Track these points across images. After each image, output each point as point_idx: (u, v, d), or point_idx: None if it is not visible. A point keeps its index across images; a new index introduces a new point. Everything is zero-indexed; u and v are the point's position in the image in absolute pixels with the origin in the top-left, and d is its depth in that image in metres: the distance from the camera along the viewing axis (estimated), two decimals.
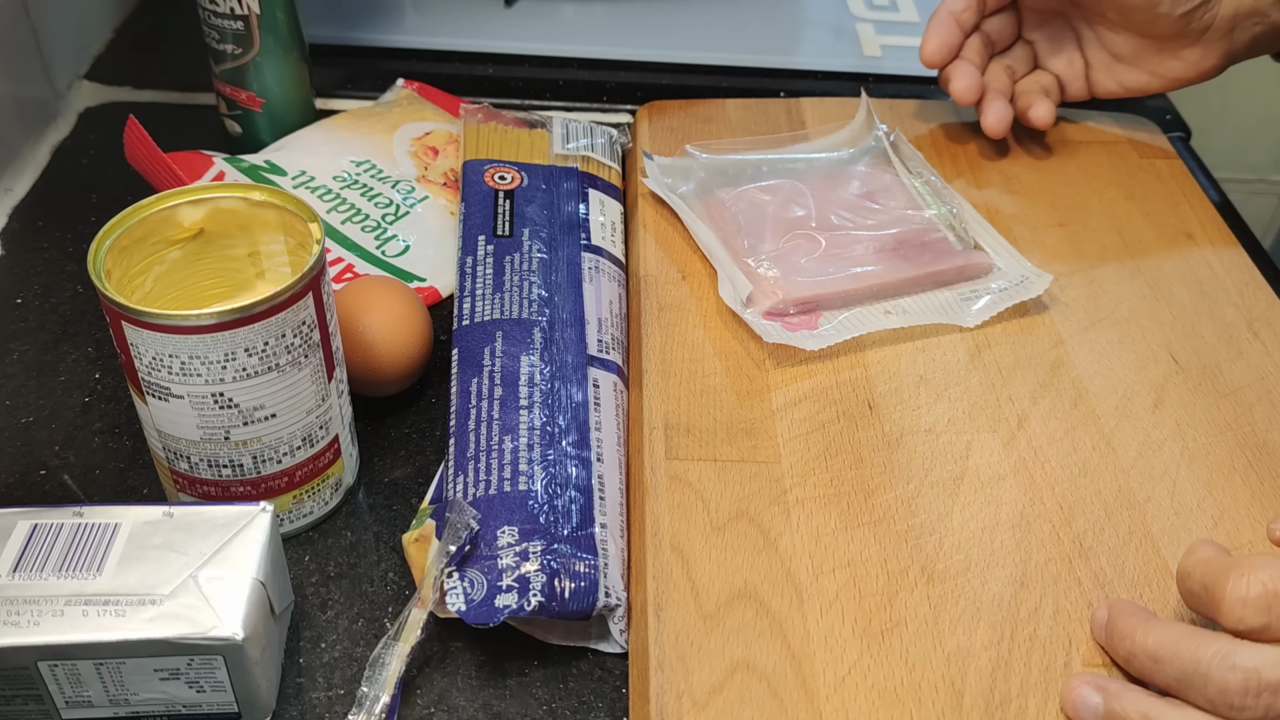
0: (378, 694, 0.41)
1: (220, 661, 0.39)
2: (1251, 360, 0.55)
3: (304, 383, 0.45)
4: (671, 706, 0.40)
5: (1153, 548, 0.46)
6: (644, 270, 0.58)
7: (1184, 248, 0.61)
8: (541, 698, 0.43)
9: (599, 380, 0.52)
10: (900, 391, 0.52)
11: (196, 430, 0.44)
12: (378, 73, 0.76)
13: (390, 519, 0.50)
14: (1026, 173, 0.66)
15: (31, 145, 0.70)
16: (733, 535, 0.45)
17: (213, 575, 0.40)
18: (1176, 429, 0.51)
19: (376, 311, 0.52)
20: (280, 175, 0.63)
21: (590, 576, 0.44)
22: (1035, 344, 0.55)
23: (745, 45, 0.80)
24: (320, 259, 0.44)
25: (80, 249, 0.63)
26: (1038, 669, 0.42)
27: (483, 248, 0.56)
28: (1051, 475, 0.49)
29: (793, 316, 0.55)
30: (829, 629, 0.42)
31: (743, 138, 0.67)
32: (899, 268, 0.57)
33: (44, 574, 0.40)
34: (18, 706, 0.40)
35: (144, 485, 0.51)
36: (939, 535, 0.46)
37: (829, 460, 0.49)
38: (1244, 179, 1.31)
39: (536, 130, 0.65)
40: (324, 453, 0.47)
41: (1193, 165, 0.70)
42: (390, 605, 0.46)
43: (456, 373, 0.51)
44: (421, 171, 0.65)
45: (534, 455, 0.47)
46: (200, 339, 0.41)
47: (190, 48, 0.74)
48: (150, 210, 0.46)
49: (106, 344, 0.57)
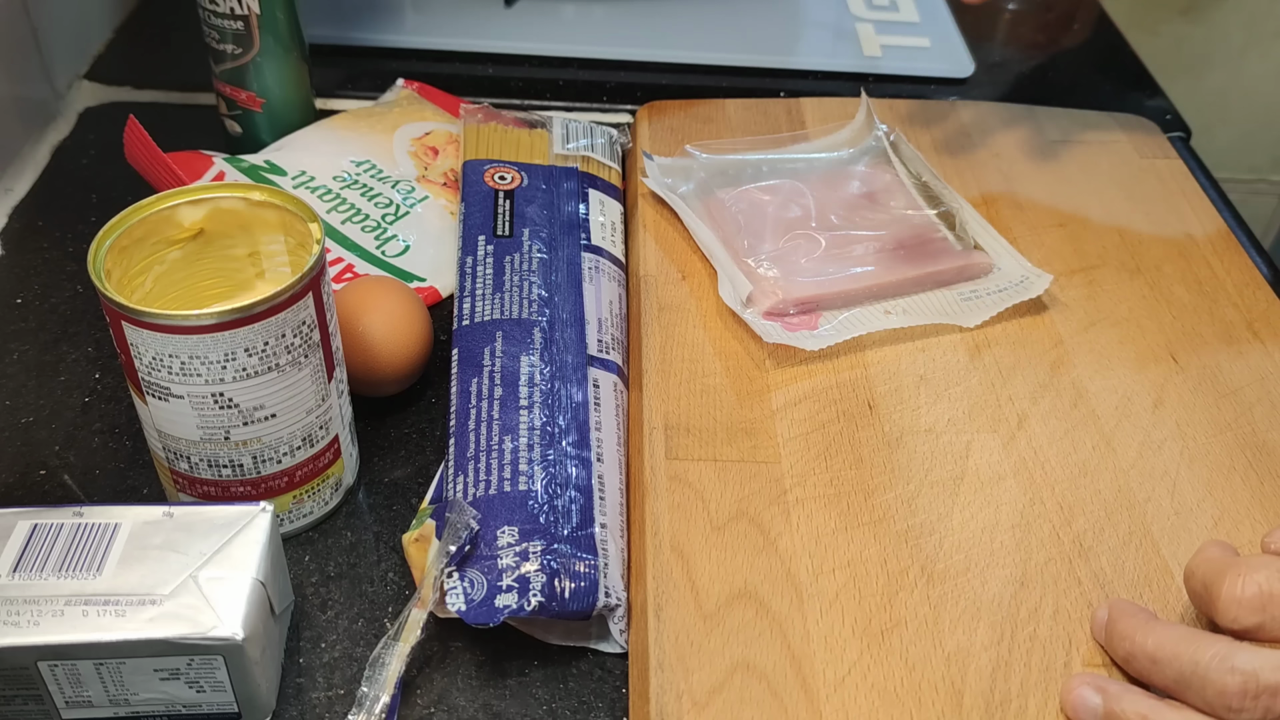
0: (378, 694, 0.41)
1: (220, 661, 0.39)
2: (1251, 360, 0.55)
3: (304, 383, 0.45)
4: (671, 706, 0.40)
5: (1153, 548, 0.46)
6: (644, 270, 0.58)
7: (1184, 248, 0.61)
8: (541, 698, 0.43)
9: (599, 380, 0.52)
10: (900, 391, 0.52)
11: (196, 430, 0.44)
12: (378, 73, 0.76)
13: (390, 519, 0.50)
14: (1026, 173, 0.66)
15: (31, 145, 0.70)
16: (733, 535, 0.45)
17: (213, 575, 0.40)
18: (1176, 429, 0.51)
19: (376, 311, 0.52)
20: (280, 175, 0.63)
21: (590, 576, 0.44)
22: (1035, 344, 0.55)
23: (745, 45, 0.80)
24: (320, 259, 0.44)
25: (80, 249, 0.63)
26: (1038, 669, 0.42)
27: (483, 248, 0.56)
28: (1051, 475, 0.49)
29: (793, 316, 0.55)
30: (829, 629, 0.42)
31: (743, 138, 0.67)
32: (899, 268, 0.57)
33: (44, 574, 0.40)
34: (18, 706, 0.40)
35: (144, 485, 0.51)
36: (939, 535, 0.46)
37: (829, 460, 0.49)
38: (1244, 179, 1.31)
39: (536, 130, 0.65)
40: (324, 453, 0.47)
41: (1193, 165, 0.70)
42: (390, 605, 0.46)
43: (456, 373, 0.51)
44: (421, 171, 0.65)
45: (534, 455, 0.47)
46: (200, 339, 0.41)
47: (190, 48, 0.74)
48: (150, 210, 0.46)
49: (106, 344, 0.57)
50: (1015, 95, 0.77)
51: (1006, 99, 0.76)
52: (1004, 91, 0.79)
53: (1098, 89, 0.80)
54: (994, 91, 0.79)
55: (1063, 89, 0.79)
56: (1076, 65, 0.84)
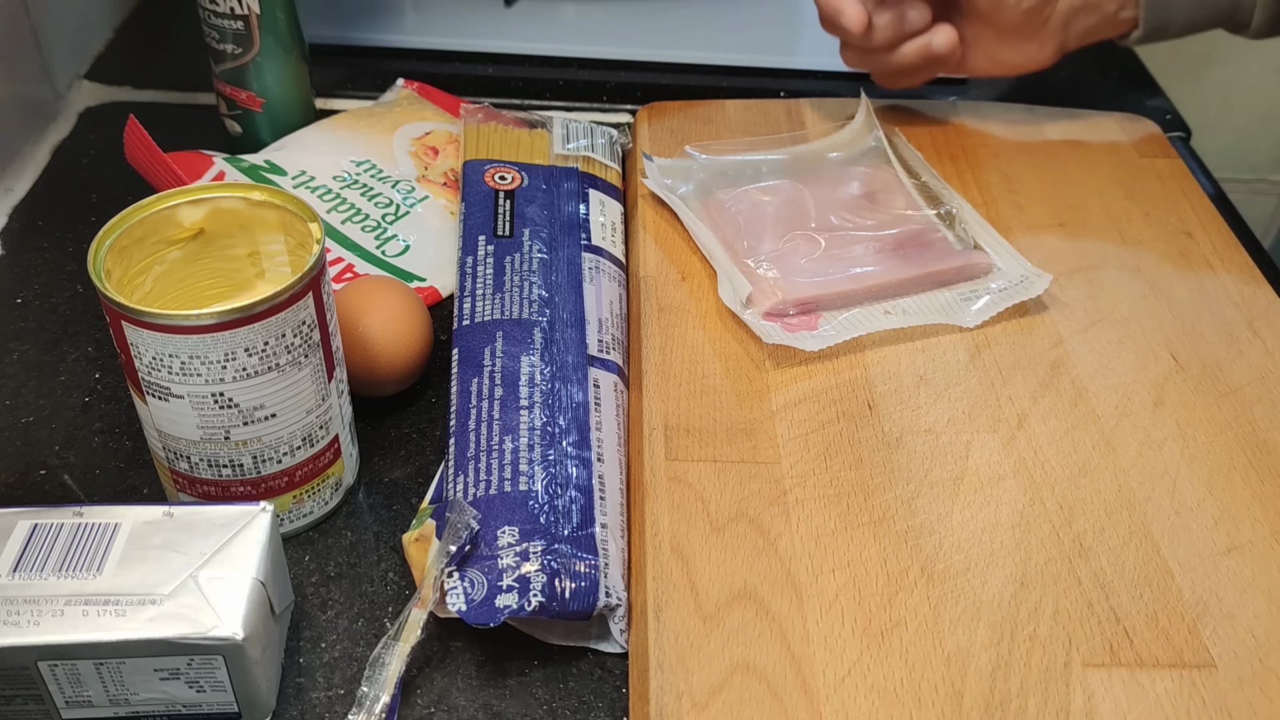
0: (378, 694, 0.41)
1: (220, 661, 0.39)
2: (1251, 360, 0.55)
3: (304, 383, 0.45)
4: (671, 707, 0.40)
5: (1153, 547, 0.46)
6: (644, 271, 0.58)
7: (1184, 247, 0.61)
8: (541, 698, 0.43)
9: (599, 380, 0.52)
10: (900, 392, 0.52)
11: (196, 430, 0.44)
12: (378, 73, 0.76)
13: (390, 519, 0.50)
14: (1026, 173, 0.66)
15: (31, 145, 0.70)
16: (732, 536, 0.45)
17: (213, 575, 0.40)
18: (1176, 428, 0.51)
19: (376, 311, 0.52)
20: (280, 175, 0.63)
21: (591, 576, 0.44)
22: (1035, 344, 0.55)
23: (745, 45, 0.80)
24: (320, 259, 0.44)
25: (80, 249, 0.63)
26: (1038, 669, 0.42)
27: (483, 248, 0.56)
28: (1051, 475, 0.49)
29: (792, 317, 0.55)
30: (829, 629, 0.42)
31: (742, 138, 0.67)
32: (899, 268, 0.57)
33: (44, 574, 0.40)
34: (18, 706, 0.40)
35: (144, 485, 0.51)
36: (939, 535, 0.46)
37: (829, 461, 0.49)
38: (1244, 179, 1.31)
39: (537, 130, 0.65)
40: (324, 453, 0.47)
41: (1193, 165, 0.70)
42: (390, 605, 0.46)
43: (457, 373, 0.51)
44: (421, 171, 0.65)
45: (534, 455, 0.47)
46: (200, 339, 0.41)
47: (190, 48, 0.74)
48: (150, 210, 0.46)
49: (106, 344, 0.57)
50: (1015, 95, 0.77)
51: (1006, 99, 0.76)
52: (1004, 91, 0.79)
53: (1098, 89, 0.80)
54: (994, 91, 0.79)
55: (1063, 89, 0.79)
56: (1076, 65, 0.84)
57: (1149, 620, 0.44)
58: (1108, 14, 0.63)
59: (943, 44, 0.64)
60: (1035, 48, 0.64)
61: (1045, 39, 0.64)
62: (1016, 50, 0.65)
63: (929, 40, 0.64)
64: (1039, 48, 0.64)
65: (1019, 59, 0.65)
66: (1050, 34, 0.64)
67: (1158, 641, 0.43)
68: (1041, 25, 0.63)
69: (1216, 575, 0.45)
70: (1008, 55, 0.66)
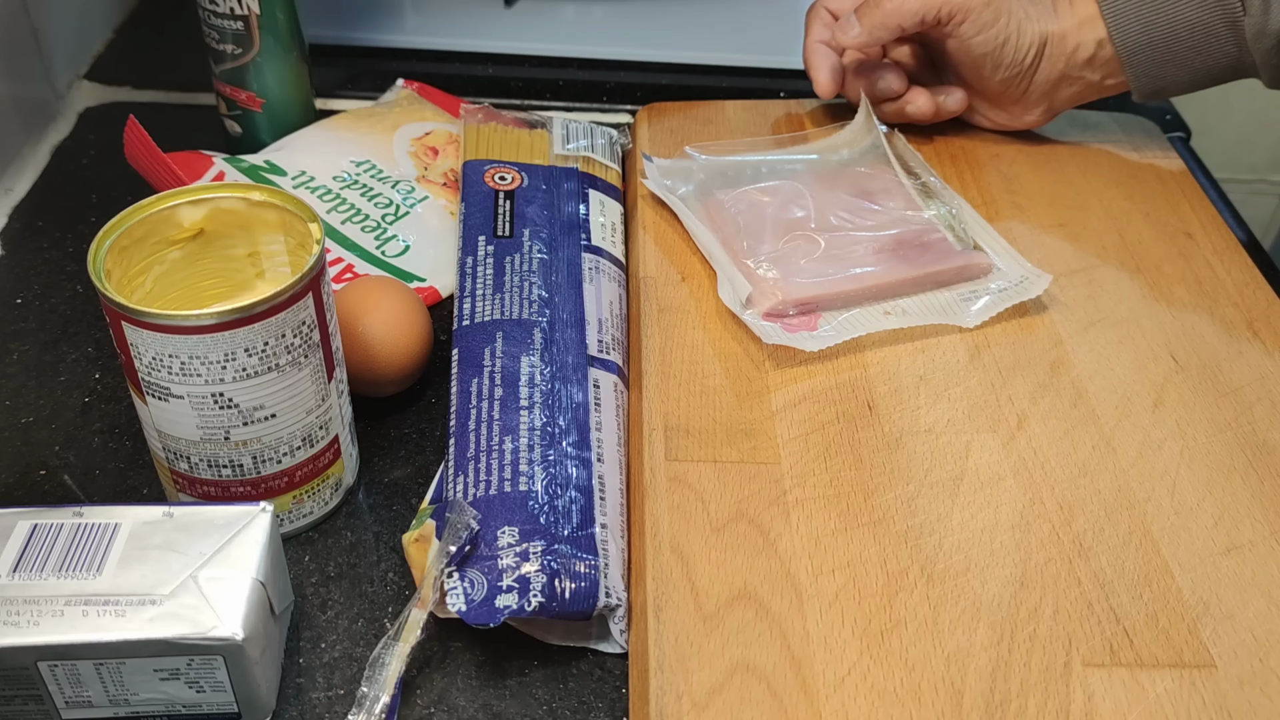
0: (378, 694, 0.41)
1: (220, 661, 0.39)
2: (1251, 360, 0.55)
3: (304, 383, 0.45)
4: (671, 707, 0.40)
5: (1153, 547, 0.46)
6: (644, 272, 0.58)
7: (1184, 248, 0.61)
8: (541, 698, 0.43)
9: (599, 381, 0.52)
10: (900, 392, 0.52)
11: (196, 430, 0.44)
12: (378, 73, 0.76)
13: (390, 519, 0.50)
14: (1026, 173, 0.66)
15: (31, 145, 0.70)
16: (732, 536, 0.45)
17: (213, 575, 0.40)
18: (1176, 429, 0.51)
19: (376, 311, 0.52)
20: (280, 175, 0.63)
21: (591, 577, 0.44)
22: (1035, 344, 0.55)
23: (745, 45, 0.80)
24: (320, 259, 0.44)
25: (80, 249, 0.63)
26: (1038, 669, 0.42)
27: (483, 248, 0.56)
28: (1051, 475, 0.49)
29: (792, 318, 0.55)
30: (829, 629, 0.42)
31: (742, 139, 0.67)
32: (898, 268, 0.57)
33: (44, 574, 0.40)
34: (18, 706, 0.40)
35: (144, 485, 0.51)
36: (939, 536, 0.46)
37: (829, 461, 0.49)
38: (1244, 179, 1.31)
39: (536, 130, 0.65)
40: (324, 453, 0.47)
41: (1193, 165, 0.70)
42: (390, 605, 0.46)
43: (456, 373, 0.51)
44: (421, 171, 0.65)
45: (534, 455, 0.47)
46: (200, 339, 0.41)
47: (190, 48, 0.74)
48: (150, 210, 0.46)
49: (106, 344, 0.57)
50: None
51: None
52: None
53: None
54: None
55: None
56: None
57: (1149, 620, 0.44)
58: (1092, 83, 0.64)
59: (916, 111, 0.67)
60: (1021, 110, 0.67)
61: (1029, 105, 0.66)
62: (1004, 112, 0.67)
63: (902, 106, 0.67)
64: (1024, 111, 0.67)
65: (1007, 120, 0.68)
66: (1033, 102, 0.66)
67: (1158, 641, 0.43)
68: (1021, 95, 0.65)
69: (1216, 575, 0.45)
70: (996, 115, 0.68)
